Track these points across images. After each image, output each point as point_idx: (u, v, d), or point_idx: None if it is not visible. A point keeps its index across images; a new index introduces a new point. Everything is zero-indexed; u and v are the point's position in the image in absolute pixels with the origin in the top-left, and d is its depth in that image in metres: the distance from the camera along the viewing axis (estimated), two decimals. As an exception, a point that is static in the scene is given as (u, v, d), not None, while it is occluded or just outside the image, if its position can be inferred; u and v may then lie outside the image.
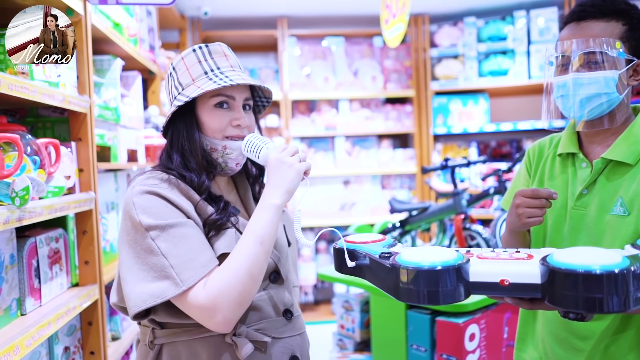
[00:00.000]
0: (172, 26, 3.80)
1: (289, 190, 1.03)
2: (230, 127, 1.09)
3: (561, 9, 3.97)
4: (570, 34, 1.13)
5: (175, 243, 0.98)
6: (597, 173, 1.16)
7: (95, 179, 1.70)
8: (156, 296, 0.95)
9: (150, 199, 1.01)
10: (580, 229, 1.17)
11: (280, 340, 1.09)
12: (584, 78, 1.10)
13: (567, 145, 1.22)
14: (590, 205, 1.15)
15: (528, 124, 4.01)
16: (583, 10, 1.12)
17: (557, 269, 0.82)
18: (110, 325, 1.97)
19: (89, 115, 1.66)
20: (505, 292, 0.88)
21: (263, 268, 1.00)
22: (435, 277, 0.87)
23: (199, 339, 1.03)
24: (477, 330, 2.02)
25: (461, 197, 2.42)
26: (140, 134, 2.37)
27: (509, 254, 0.95)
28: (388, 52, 4.26)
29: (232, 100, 1.09)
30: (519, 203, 1.12)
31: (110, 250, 2.05)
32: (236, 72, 1.10)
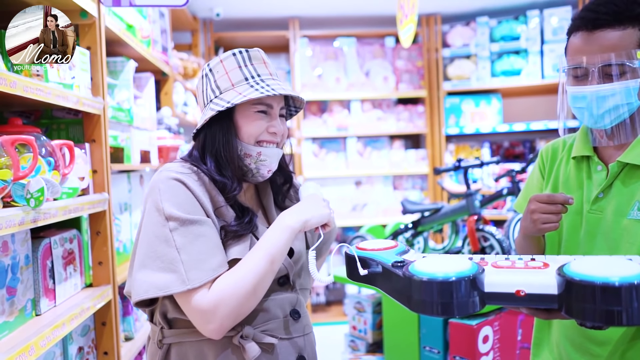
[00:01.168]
0: (185, 28, 3.82)
1: (307, 221, 1.04)
2: (266, 133, 1.09)
3: (575, 8, 3.93)
4: (586, 45, 1.07)
5: (191, 240, 0.97)
6: (613, 176, 1.13)
7: (109, 180, 1.71)
8: (159, 288, 0.95)
9: (177, 187, 1.01)
10: (597, 234, 1.14)
11: (287, 340, 1.08)
12: (605, 90, 1.07)
13: (582, 148, 1.20)
14: (607, 209, 1.13)
15: (541, 124, 3.97)
16: (597, 18, 1.06)
17: (574, 280, 0.80)
18: (123, 325, 1.98)
19: (102, 116, 1.67)
20: (521, 302, 0.86)
21: (267, 286, 1.01)
22: (449, 288, 0.84)
23: (206, 340, 1.02)
24: (490, 332, 2.00)
25: (474, 198, 2.40)
26: (153, 135, 2.38)
27: (524, 262, 0.93)
28: (400, 52, 4.24)
29: (271, 108, 1.09)
30: (534, 208, 1.10)
31: (124, 251, 2.06)
32: (275, 80, 1.10)
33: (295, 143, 4.10)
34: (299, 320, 1.11)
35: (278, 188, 1.22)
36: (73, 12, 1.57)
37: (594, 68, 1.07)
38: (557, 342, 1.23)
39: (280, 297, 1.09)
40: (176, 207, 0.98)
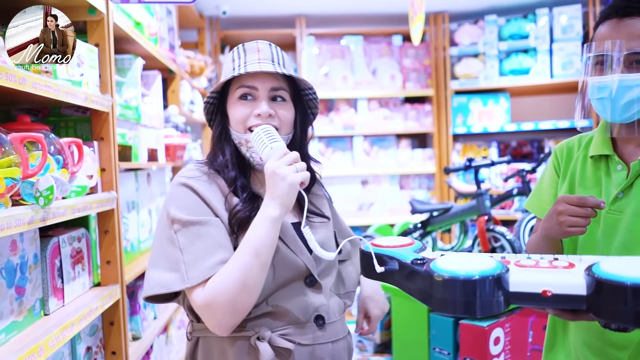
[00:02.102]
0: (191, 26, 3.80)
1: (283, 203, 0.99)
2: (252, 118, 1.07)
3: (585, 7, 3.89)
4: (613, 32, 1.06)
5: (192, 240, 1.01)
6: (635, 176, 1.10)
7: (117, 179, 1.69)
8: (162, 286, 1.00)
9: (183, 192, 1.05)
10: (615, 234, 1.11)
11: (307, 347, 1.06)
12: (631, 80, 1.03)
13: (600, 146, 1.17)
14: (626, 209, 1.10)
15: (550, 124, 3.94)
16: (629, 6, 1.04)
17: (605, 280, 0.77)
18: (130, 325, 1.97)
19: (111, 114, 1.66)
20: (547, 303, 0.83)
21: (258, 278, 0.99)
22: (473, 287, 0.81)
23: (227, 337, 1.04)
24: (502, 334, 1.98)
25: (484, 198, 2.38)
26: (160, 134, 2.36)
27: (548, 262, 0.91)
28: (407, 50, 4.21)
29: (255, 90, 1.07)
30: (562, 210, 1.05)
31: (131, 250, 2.05)
32: (261, 63, 1.06)
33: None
34: (324, 327, 1.09)
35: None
36: (81, 8, 1.55)
37: (619, 55, 1.04)
38: (574, 346, 1.20)
39: (304, 300, 1.07)
40: (180, 210, 1.03)
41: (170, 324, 2.49)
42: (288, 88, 1.11)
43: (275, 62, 1.08)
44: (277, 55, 1.10)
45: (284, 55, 1.13)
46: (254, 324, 1.05)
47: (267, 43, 1.11)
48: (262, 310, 1.05)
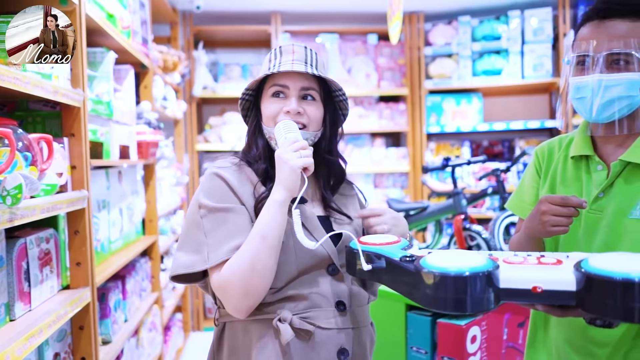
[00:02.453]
0: (164, 20, 3.71)
1: (287, 187, 1.05)
2: (282, 114, 1.13)
3: (555, 10, 3.97)
4: (594, 33, 1.08)
5: (216, 225, 1.07)
6: (615, 175, 1.12)
7: (88, 177, 1.63)
8: (186, 266, 1.07)
9: (214, 181, 1.12)
10: (596, 233, 1.13)
11: (328, 330, 1.10)
12: (611, 80, 1.05)
13: (581, 147, 1.18)
14: (607, 208, 1.12)
15: (520, 124, 4.01)
16: (609, 9, 1.06)
17: (594, 275, 0.78)
18: (101, 328, 1.90)
19: (82, 109, 1.59)
20: (537, 299, 0.84)
21: (268, 262, 1.03)
22: (464, 283, 0.82)
23: (252, 320, 1.10)
24: (478, 332, 1.99)
25: (461, 197, 2.39)
26: (132, 130, 2.29)
27: (536, 259, 0.91)
28: (382, 49, 4.22)
29: (287, 89, 1.14)
30: (545, 210, 1.06)
31: (102, 251, 1.97)
32: (295, 63, 1.12)
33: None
34: (346, 313, 1.12)
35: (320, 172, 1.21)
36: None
37: (600, 56, 1.05)
38: (556, 345, 1.21)
39: (326, 288, 1.11)
40: (208, 197, 1.10)
41: (142, 326, 2.42)
42: (318, 88, 1.16)
43: (308, 63, 1.14)
44: (311, 57, 1.16)
45: (318, 58, 1.18)
46: (276, 307, 1.09)
47: (303, 46, 1.17)
48: (284, 295, 1.10)
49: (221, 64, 4.14)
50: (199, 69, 3.92)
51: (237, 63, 4.15)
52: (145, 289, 2.58)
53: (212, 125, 4.10)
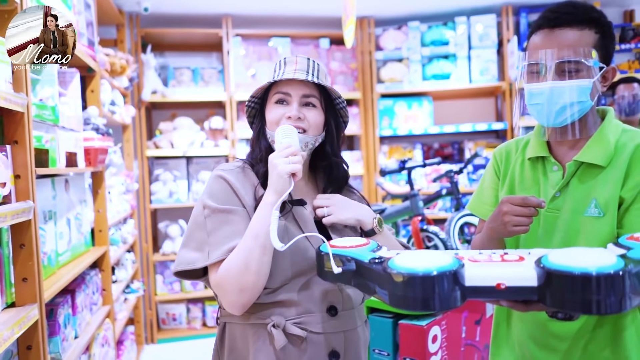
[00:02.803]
0: (110, 22, 3.57)
1: (276, 190, 1.10)
2: (284, 119, 1.19)
3: (499, 16, 4.13)
4: (545, 41, 1.12)
5: (218, 226, 1.13)
6: (570, 175, 1.17)
7: (34, 186, 1.53)
8: (188, 263, 1.13)
9: (218, 183, 1.19)
10: (554, 231, 1.17)
11: (319, 335, 1.15)
12: (561, 87, 1.10)
13: (537, 149, 1.23)
14: (564, 207, 1.16)
15: (469, 126, 4.13)
16: (558, 18, 1.11)
17: (554, 271, 0.81)
18: (50, 347, 1.79)
19: (26, 114, 1.49)
20: (501, 295, 0.86)
21: (261, 260, 1.09)
22: (432, 283, 0.83)
23: (248, 324, 1.15)
24: (439, 331, 2.01)
25: (418, 199, 2.43)
26: (79, 136, 2.18)
27: (500, 256, 0.94)
28: (334, 54, 4.24)
29: (289, 96, 1.20)
30: (506, 210, 1.10)
31: (49, 264, 1.86)
32: (297, 72, 1.19)
33: (229, 144, 3.97)
34: (337, 317, 1.16)
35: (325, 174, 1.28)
36: (-10, -4, 1.39)
37: (552, 64, 1.10)
38: (518, 341, 1.24)
39: (317, 292, 1.16)
40: (212, 198, 1.16)
41: (93, 342, 2.30)
42: (319, 96, 1.22)
43: (310, 72, 1.21)
44: (313, 67, 1.23)
45: (320, 68, 1.25)
46: (270, 312, 1.14)
47: (306, 57, 1.24)
48: (278, 298, 1.14)
49: (171, 68, 4.03)
50: (147, 72, 3.80)
51: (188, 67, 4.06)
52: (96, 302, 2.46)
53: (163, 130, 3.98)
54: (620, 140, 1.14)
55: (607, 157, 1.13)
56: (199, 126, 4.03)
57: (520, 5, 4.08)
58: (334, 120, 1.26)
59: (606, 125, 1.16)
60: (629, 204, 1.09)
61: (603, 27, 1.12)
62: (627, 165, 1.10)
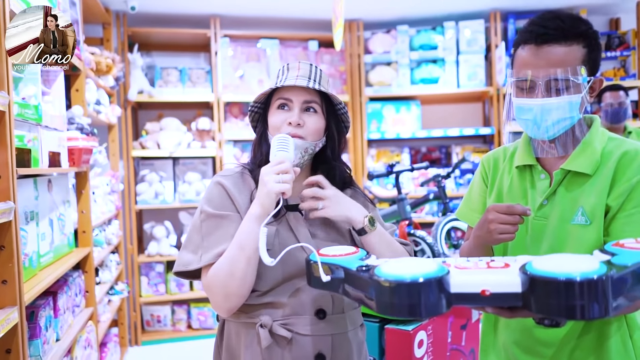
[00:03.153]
0: (96, 20, 3.53)
1: (262, 204, 1.13)
2: (285, 126, 1.20)
3: (487, 22, 4.16)
4: (533, 58, 1.11)
5: (212, 230, 1.18)
6: (557, 184, 1.17)
7: (15, 187, 1.50)
8: (183, 264, 1.18)
9: (215, 188, 1.23)
10: (542, 239, 1.18)
11: (306, 337, 1.17)
12: (551, 104, 1.10)
13: (524, 157, 1.23)
14: (551, 215, 1.17)
15: (457, 131, 4.15)
16: (545, 34, 1.09)
17: (537, 277, 0.82)
18: (30, 350, 1.75)
19: (7, 113, 1.46)
20: (486, 302, 0.87)
21: (245, 270, 1.12)
22: (418, 290, 0.84)
23: (242, 323, 1.19)
24: (425, 336, 2.02)
25: (405, 203, 2.43)
26: (63, 136, 2.15)
27: (486, 263, 0.94)
28: (323, 56, 4.24)
29: (290, 102, 1.22)
30: (492, 218, 1.10)
31: (30, 266, 1.82)
32: (299, 79, 1.21)
33: (216, 146, 3.94)
34: (326, 320, 1.18)
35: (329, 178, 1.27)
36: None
37: (541, 82, 1.10)
38: (504, 347, 1.24)
39: (307, 295, 1.17)
40: (208, 203, 1.21)
41: (75, 345, 2.26)
42: (320, 102, 1.23)
43: (311, 79, 1.22)
44: (315, 73, 1.24)
45: (322, 75, 1.27)
46: (259, 312, 1.18)
47: (309, 63, 1.26)
48: (267, 300, 1.18)
49: (158, 68, 3.99)
50: (134, 72, 3.76)
51: (175, 67, 4.03)
52: (79, 304, 2.42)
53: (149, 130, 3.94)
54: (606, 148, 1.15)
55: (593, 165, 1.13)
56: (186, 127, 4.00)
57: (508, 11, 4.11)
58: (335, 125, 1.28)
59: (593, 134, 1.17)
60: (615, 212, 1.10)
61: (591, 40, 1.12)
62: (612, 173, 1.11)
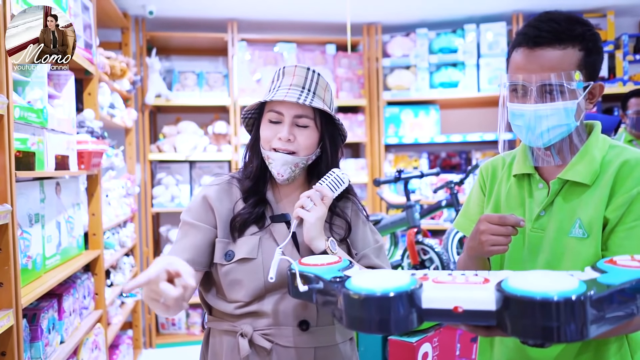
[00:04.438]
0: (114, 25, 3.58)
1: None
2: (275, 140, 1.18)
3: (509, 24, 4.05)
4: (526, 62, 1.04)
5: (181, 237, 1.20)
6: (554, 194, 1.10)
7: (13, 190, 1.51)
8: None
9: (197, 197, 1.24)
10: (539, 252, 1.11)
11: (287, 348, 1.14)
12: (544, 110, 1.04)
13: (522, 166, 1.17)
14: (548, 227, 1.10)
15: (477, 136, 4.05)
16: (539, 36, 1.03)
17: (511, 295, 0.76)
18: (31, 352, 1.76)
19: (6, 117, 1.47)
20: (459, 319, 0.82)
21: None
22: (387, 304, 0.80)
23: (224, 331, 1.18)
24: (430, 349, 1.95)
25: (414, 210, 2.37)
26: (72, 139, 2.17)
27: (466, 278, 0.89)
28: (340, 60, 4.20)
29: (281, 115, 1.18)
30: (484, 229, 1.04)
31: (33, 268, 1.84)
32: (291, 90, 1.16)
33: (232, 149, 3.94)
34: (310, 332, 1.15)
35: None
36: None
37: (533, 87, 1.04)
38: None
39: (290, 306, 1.15)
40: (187, 211, 1.23)
41: (82, 347, 2.28)
42: (314, 115, 1.19)
43: (306, 88, 1.18)
44: (310, 80, 1.19)
45: (319, 81, 1.21)
46: (242, 322, 1.16)
47: (306, 67, 1.21)
48: (249, 310, 1.15)
49: (176, 72, 4.03)
50: (152, 76, 3.80)
51: (193, 71, 4.05)
52: (87, 306, 2.43)
53: (166, 134, 3.97)
54: (606, 156, 1.07)
55: (592, 175, 1.06)
56: (202, 130, 4.02)
57: (530, 13, 3.99)
58: (330, 136, 1.24)
59: (592, 141, 1.10)
60: (614, 225, 1.03)
61: (588, 42, 1.04)
62: (612, 184, 1.04)
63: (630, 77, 3.78)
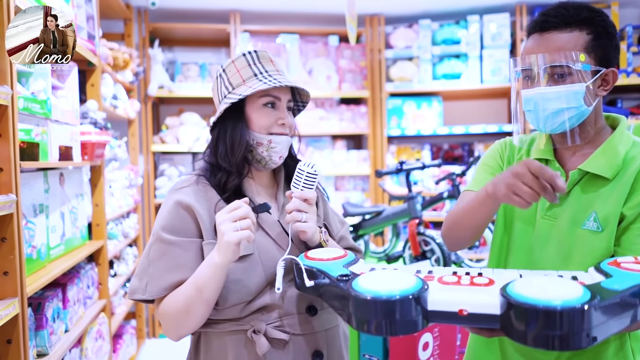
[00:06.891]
0: (117, 16, 3.58)
1: (224, 254, 1.04)
2: (276, 125, 1.17)
3: (513, 16, 4.03)
4: (534, 47, 1.07)
5: (159, 256, 1.11)
6: (572, 184, 1.10)
7: (18, 180, 1.52)
8: (131, 292, 1.13)
9: (169, 205, 1.15)
10: (549, 240, 1.11)
11: (302, 336, 1.14)
12: (549, 93, 1.04)
13: (542, 150, 1.16)
14: (561, 216, 1.10)
15: (480, 128, 4.05)
16: (545, 21, 1.06)
17: (515, 302, 0.77)
18: (36, 340, 1.79)
19: (10, 107, 1.48)
20: (463, 322, 0.83)
21: (204, 310, 1.08)
22: (393, 307, 0.81)
23: (228, 332, 1.13)
24: (430, 339, 1.97)
25: (415, 202, 2.38)
26: (75, 130, 2.18)
27: (470, 278, 0.90)
28: (343, 51, 4.19)
29: (279, 100, 1.19)
30: (519, 172, 0.94)
31: (38, 258, 1.86)
32: (282, 75, 1.19)
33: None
34: (317, 316, 1.16)
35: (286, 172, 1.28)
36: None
37: (540, 70, 1.04)
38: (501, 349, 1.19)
39: (294, 294, 1.14)
40: (160, 225, 1.13)
41: (86, 336, 2.30)
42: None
43: (284, 73, 1.22)
44: (282, 66, 1.25)
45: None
46: (249, 319, 1.12)
47: (271, 53, 1.23)
48: (256, 306, 1.12)
49: (179, 63, 4.03)
50: (154, 67, 3.80)
51: (196, 62, 4.05)
52: (91, 296, 2.46)
53: (169, 125, 3.98)
54: (629, 153, 1.07)
55: (613, 169, 1.06)
56: (205, 122, 4.03)
57: (534, 4, 3.97)
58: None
59: (617, 136, 1.10)
60: (630, 222, 1.03)
61: (597, 27, 1.05)
62: (632, 180, 1.04)
63: (634, 68, 3.76)
